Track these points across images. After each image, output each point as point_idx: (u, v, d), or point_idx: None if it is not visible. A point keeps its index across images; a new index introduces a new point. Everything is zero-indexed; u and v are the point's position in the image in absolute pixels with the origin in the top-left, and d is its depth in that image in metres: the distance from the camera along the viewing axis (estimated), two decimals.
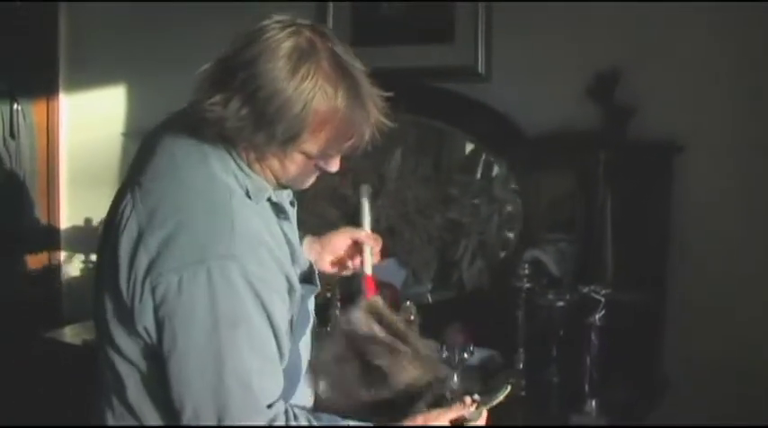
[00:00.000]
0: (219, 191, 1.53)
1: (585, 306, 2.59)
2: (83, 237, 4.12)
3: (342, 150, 1.58)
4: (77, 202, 4.16)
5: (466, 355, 2.70)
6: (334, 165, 1.63)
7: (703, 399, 2.82)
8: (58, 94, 4.16)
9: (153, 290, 1.46)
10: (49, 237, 4.18)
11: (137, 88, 3.99)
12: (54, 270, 4.20)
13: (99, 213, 4.04)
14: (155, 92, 3.85)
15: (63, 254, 4.22)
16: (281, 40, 1.48)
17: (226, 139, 1.54)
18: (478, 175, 3.22)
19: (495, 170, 3.17)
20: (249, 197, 1.56)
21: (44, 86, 4.13)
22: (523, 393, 2.67)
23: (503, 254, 3.14)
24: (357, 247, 1.96)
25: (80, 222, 4.15)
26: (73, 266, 4.18)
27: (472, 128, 3.20)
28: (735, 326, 2.82)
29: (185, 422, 1.48)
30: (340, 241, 1.96)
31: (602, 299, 2.55)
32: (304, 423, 1.56)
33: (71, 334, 3.54)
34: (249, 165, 1.58)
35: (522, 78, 3.11)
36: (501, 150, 3.15)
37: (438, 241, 3.23)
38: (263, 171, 1.59)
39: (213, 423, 1.47)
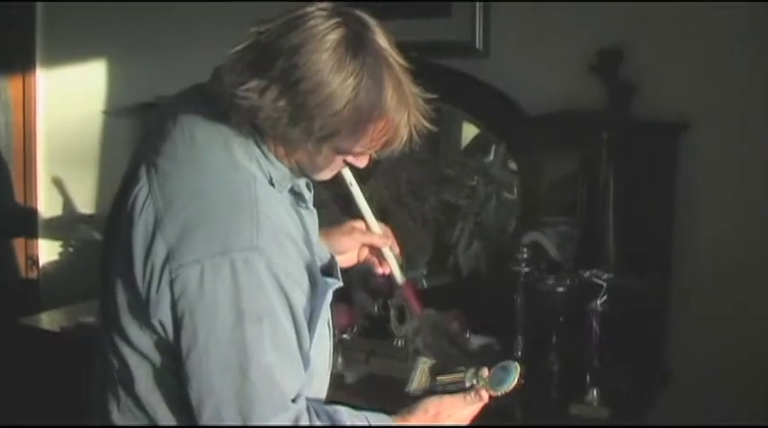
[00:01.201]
0: (242, 178, 1.50)
1: (587, 291, 2.59)
2: (61, 220, 4.12)
3: (377, 148, 1.57)
4: (55, 183, 4.15)
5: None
6: (363, 161, 1.62)
7: (708, 389, 2.83)
8: (34, 69, 4.14)
9: (171, 282, 1.44)
10: (26, 220, 4.18)
11: (118, 64, 3.97)
12: (31, 254, 4.20)
13: (78, 195, 4.05)
14: (137, 68, 3.84)
15: (40, 237, 4.22)
16: (327, 31, 1.45)
17: (255, 127, 1.51)
18: (476, 155, 3.22)
19: (494, 150, 3.18)
20: (272, 185, 1.54)
21: (20, 60, 4.11)
22: (522, 381, 2.68)
23: (501, 238, 3.16)
24: (373, 250, 1.97)
25: (58, 204, 4.14)
26: (51, 250, 4.19)
27: (469, 106, 3.19)
28: (742, 313, 2.82)
29: (205, 420, 1.47)
30: (349, 243, 1.95)
31: (604, 285, 2.55)
32: (326, 420, 1.56)
33: (48, 320, 3.55)
34: (272, 152, 1.55)
35: (521, 54, 3.11)
36: (499, 129, 3.15)
37: (433, 224, 3.24)
38: (287, 160, 1.57)
39: (236, 421, 1.45)
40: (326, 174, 1.64)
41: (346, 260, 1.95)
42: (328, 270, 1.69)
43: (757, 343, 2.81)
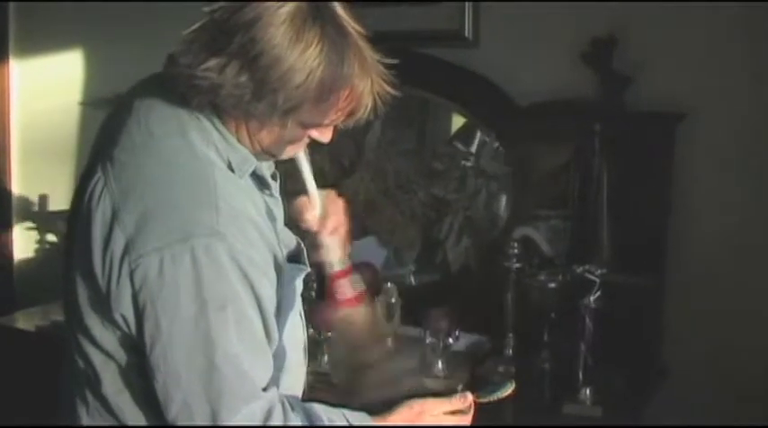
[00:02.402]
0: (200, 164, 1.51)
1: (579, 287, 2.59)
2: (37, 215, 4.11)
3: (341, 119, 1.57)
4: (30, 177, 4.14)
5: (451, 341, 2.71)
6: (327, 136, 1.62)
7: (704, 387, 2.84)
8: (7, 60, 4.13)
9: (131, 274, 1.43)
10: (0, 215, 4.17)
11: (95, 53, 3.96)
12: (5, 250, 4.19)
13: (54, 189, 4.04)
14: (114, 57, 3.82)
15: (15, 234, 4.21)
16: (283, 2, 1.45)
17: (217, 108, 1.52)
18: (465, 148, 3.23)
19: (483, 142, 3.18)
20: (232, 170, 1.54)
21: None
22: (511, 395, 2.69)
23: (491, 233, 3.16)
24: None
25: (34, 199, 4.13)
26: (26, 247, 4.17)
27: (458, 96, 3.19)
28: (738, 310, 2.83)
29: (173, 415, 1.46)
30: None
31: (598, 280, 2.55)
32: (301, 414, 1.56)
33: (23, 319, 3.54)
34: (234, 135, 1.56)
35: (512, 43, 3.11)
36: (489, 121, 3.15)
37: (421, 218, 3.24)
38: (249, 141, 1.57)
39: (206, 414, 1.45)
40: (291, 152, 1.64)
41: None
42: (295, 256, 1.70)
43: (753, 341, 2.82)
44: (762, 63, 2.77)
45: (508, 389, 1.78)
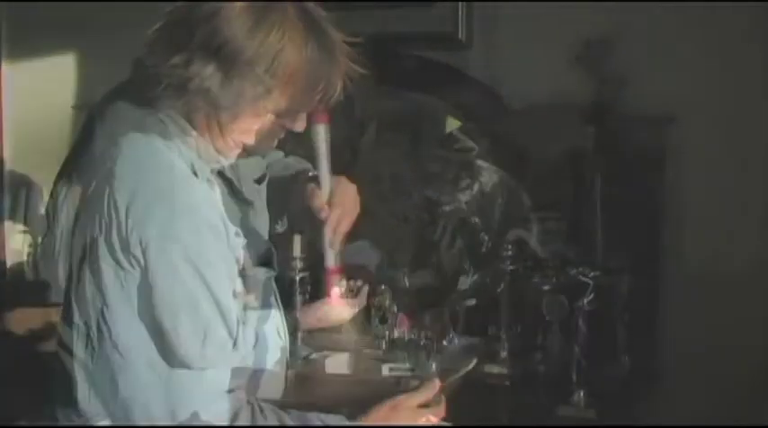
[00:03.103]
0: (160, 167, 1.51)
1: (573, 289, 2.60)
2: (29, 218, 4.10)
3: (313, 104, 1.58)
4: (23, 180, 4.12)
5: (446, 343, 2.72)
6: (300, 124, 1.61)
7: (698, 389, 2.85)
8: (0, 63, 4.13)
9: (90, 278, 1.46)
10: None
11: (87, 56, 3.96)
12: None
13: (47, 192, 4.03)
14: (107, 60, 3.82)
15: (8, 236, 4.20)
16: None
17: (187, 107, 1.52)
18: (459, 150, 3.23)
19: (477, 144, 3.18)
20: (195, 173, 1.54)
21: None
22: (507, 383, 2.69)
23: (485, 235, 3.16)
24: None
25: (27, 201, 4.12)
26: (18, 250, 4.16)
27: (452, 99, 3.20)
28: (732, 312, 2.84)
29: (136, 417, 1.47)
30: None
31: (591, 282, 2.56)
32: (271, 416, 1.56)
33: (15, 322, 3.52)
34: (203, 135, 1.56)
35: (506, 46, 3.11)
36: (483, 123, 3.16)
37: (415, 221, 3.25)
38: (222, 139, 1.57)
39: (167, 416, 1.46)
40: (265, 146, 1.64)
41: None
42: (265, 260, 1.69)
43: (748, 343, 2.82)
44: (755, 67, 2.78)
45: (470, 365, 1.77)
